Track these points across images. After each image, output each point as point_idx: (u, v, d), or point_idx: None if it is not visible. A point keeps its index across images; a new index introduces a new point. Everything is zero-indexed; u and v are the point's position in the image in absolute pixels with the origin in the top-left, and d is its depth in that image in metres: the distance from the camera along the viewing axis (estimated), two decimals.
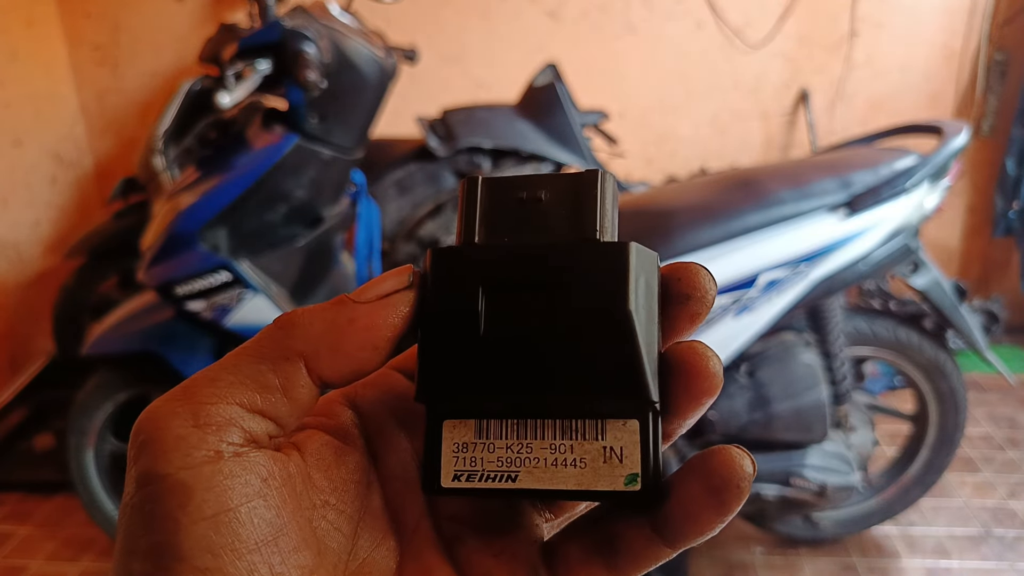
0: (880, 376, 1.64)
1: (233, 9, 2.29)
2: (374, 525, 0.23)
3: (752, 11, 2.28)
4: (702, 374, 0.21)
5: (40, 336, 2.19)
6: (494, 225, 0.24)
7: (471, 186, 0.24)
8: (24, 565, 1.60)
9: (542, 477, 0.22)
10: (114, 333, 1.43)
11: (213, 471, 0.19)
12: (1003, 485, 1.78)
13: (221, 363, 0.21)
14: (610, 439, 0.22)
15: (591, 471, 0.21)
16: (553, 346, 0.21)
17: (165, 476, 0.19)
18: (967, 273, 2.48)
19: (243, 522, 0.19)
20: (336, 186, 1.50)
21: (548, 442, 0.22)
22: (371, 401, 0.25)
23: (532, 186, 0.24)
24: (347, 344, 0.21)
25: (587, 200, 0.23)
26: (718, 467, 0.20)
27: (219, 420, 0.20)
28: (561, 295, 0.22)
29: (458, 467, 0.22)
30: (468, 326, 0.22)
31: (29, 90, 2.21)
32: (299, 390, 0.21)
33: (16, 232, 2.16)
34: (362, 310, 0.22)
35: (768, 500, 1.39)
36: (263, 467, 0.20)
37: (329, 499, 0.22)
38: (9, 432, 2.02)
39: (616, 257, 0.22)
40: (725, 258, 1.25)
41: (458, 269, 0.23)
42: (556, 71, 1.89)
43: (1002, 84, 2.27)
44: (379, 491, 0.24)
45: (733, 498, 0.20)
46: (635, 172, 2.36)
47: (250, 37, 1.37)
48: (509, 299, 0.22)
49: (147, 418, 0.20)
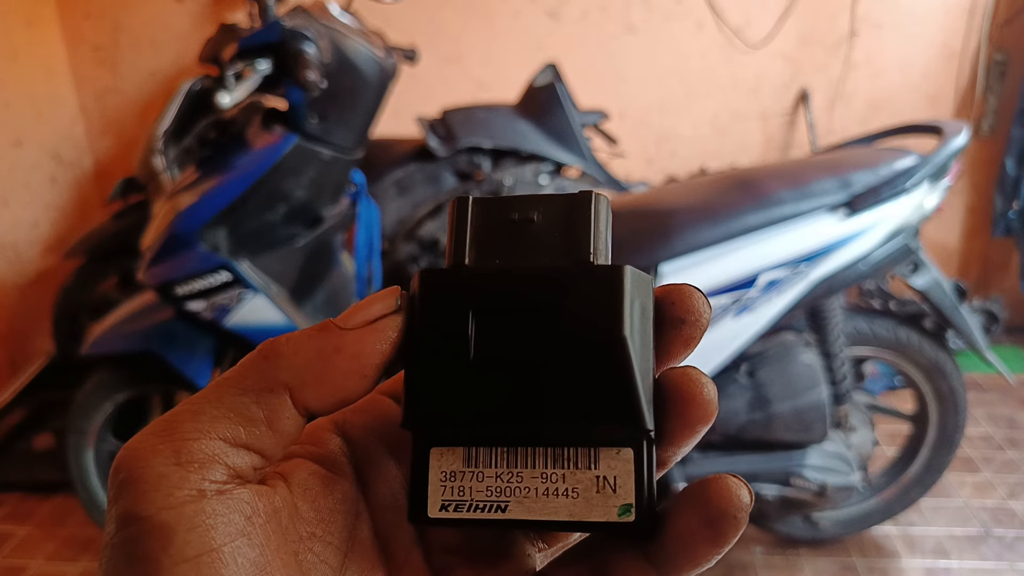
0: (880, 376, 1.64)
1: (233, 9, 2.29)
2: (362, 556, 0.23)
3: (752, 11, 2.28)
4: (696, 401, 0.21)
5: (40, 336, 2.19)
6: (485, 247, 0.23)
7: (461, 206, 0.23)
8: (24, 565, 1.60)
9: (533, 508, 0.21)
10: (114, 333, 1.43)
11: (195, 511, 0.18)
12: (1003, 485, 1.78)
13: (203, 395, 0.20)
14: (603, 468, 0.21)
15: (584, 501, 0.21)
16: (545, 372, 0.21)
17: (147, 517, 0.18)
18: (967, 273, 2.48)
19: (226, 562, 0.18)
20: (336, 186, 1.50)
21: (539, 471, 0.21)
22: (360, 428, 0.24)
23: (524, 207, 0.23)
24: (334, 373, 0.21)
25: (581, 222, 0.23)
26: (714, 497, 0.19)
27: (201, 457, 0.19)
28: (554, 320, 0.21)
29: (445, 496, 0.21)
30: (457, 350, 0.21)
31: (29, 90, 2.21)
32: (284, 422, 0.20)
33: (15, 232, 2.16)
34: (349, 337, 0.21)
35: (768, 500, 1.39)
36: (247, 504, 0.19)
37: (316, 531, 0.21)
38: (9, 432, 2.02)
39: (610, 281, 0.21)
40: (725, 258, 1.25)
41: (448, 291, 0.22)
42: (556, 71, 1.89)
43: (1002, 84, 2.27)
44: (368, 521, 0.23)
45: (730, 529, 0.19)
46: (635, 172, 2.36)
47: (250, 37, 1.36)
48: (500, 323, 0.21)
49: (127, 455, 0.19)
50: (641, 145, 2.40)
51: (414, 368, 0.22)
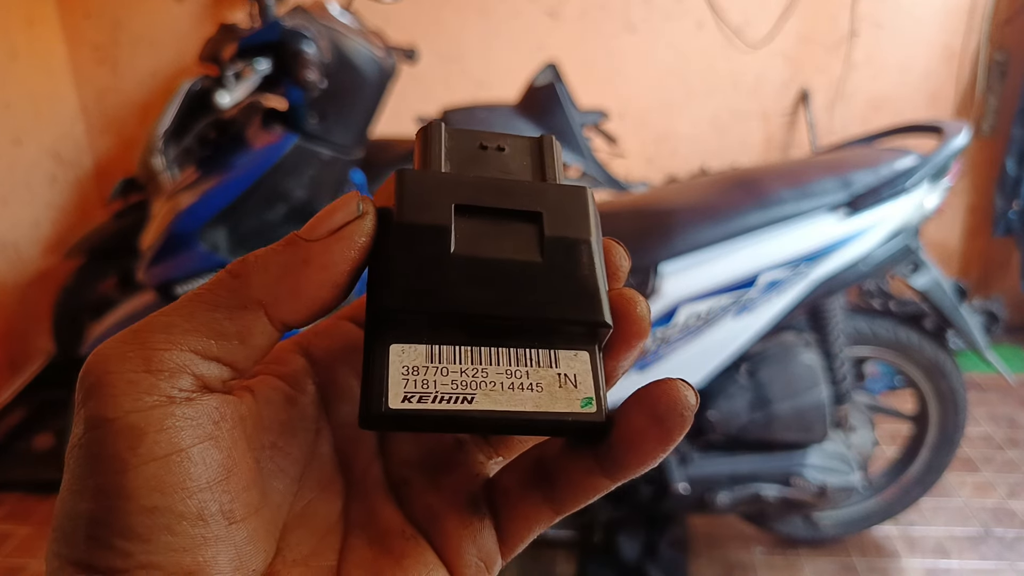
0: (880, 376, 1.64)
1: (233, 9, 2.29)
2: (321, 469, 0.23)
3: (752, 11, 2.28)
4: (630, 317, 0.22)
5: (40, 336, 2.18)
6: (456, 164, 0.24)
7: (434, 128, 0.24)
8: (24, 565, 1.60)
9: (499, 399, 0.21)
10: (114, 333, 1.43)
11: (164, 414, 0.19)
12: (1003, 485, 1.78)
13: (174, 308, 0.20)
14: (564, 367, 0.22)
15: (548, 395, 0.21)
16: (517, 270, 0.22)
17: (115, 419, 0.18)
18: (967, 273, 2.48)
19: (195, 462, 0.19)
20: (336, 186, 1.50)
21: (503, 368, 0.22)
22: (322, 349, 0.25)
23: (493, 139, 0.25)
24: (306, 285, 0.21)
25: (546, 156, 0.25)
26: (663, 396, 0.20)
27: (171, 366, 0.19)
28: (529, 223, 0.23)
29: (408, 389, 0.21)
30: (438, 243, 0.22)
31: (29, 90, 2.21)
32: (257, 337, 0.21)
33: (15, 232, 2.16)
34: (316, 248, 0.21)
35: (768, 500, 1.39)
36: (215, 410, 0.20)
37: (277, 441, 0.22)
38: (9, 432, 2.02)
39: (579, 195, 0.24)
40: (725, 258, 1.25)
41: (430, 188, 0.22)
42: (556, 71, 1.89)
43: (1002, 84, 2.27)
44: (329, 438, 0.24)
45: (676, 426, 0.20)
46: (635, 172, 2.36)
47: (250, 37, 1.36)
48: (476, 223, 0.22)
49: (96, 360, 0.19)
50: (641, 145, 2.40)
51: (390, 260, 0.21)
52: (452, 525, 0.23)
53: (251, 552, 0.20)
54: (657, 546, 1.50)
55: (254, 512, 0.20)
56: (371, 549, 0.22)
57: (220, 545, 0.19)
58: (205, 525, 0.19)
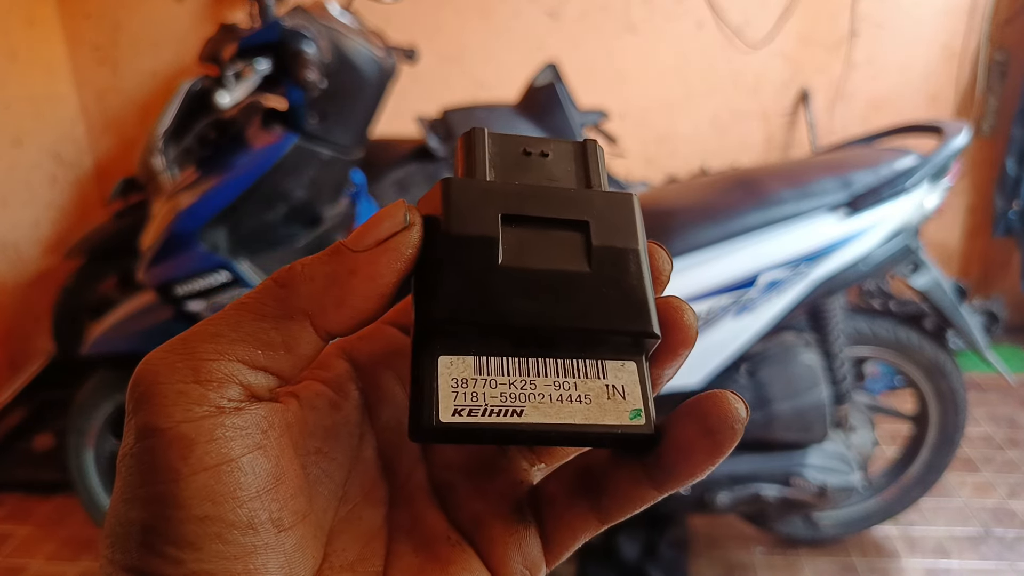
0: (880, 376, 1.64)
1: (233, 9, 2.29)
2: (365, 474, 0.24)
3: (752, 11, 2.28)
4: (678, 326, 0.22)
5: (40, 336, 2.18)
6: (500, 170, 0.24)
7: (477, 135, 0.24)
8: (24, 565, 1.60)
9: (548, 412, 0.21)
10: (114, 333, 1.43)
11: (214, 424, 0.19)
12: (1003, 485, 1.78)
13: (222, 317, 0.20)
14: (612, 378, 0.22)
15: (596, 406, 0.21)
16: (565, 279, 0.22)
17: (166, 429, 0.19)
18: (967, 273, 2.48)
19: (245, 471, 0.19)
20: (336, 186, 1.50)
21: (551, 379, 0.22)
22: (366, 354, 0.25)
23: (536, 144, 0.25)
24: (352, 296, 0.21)
25: (590, 161, 0.25)
26: (713, 409, 0.20)
27: (220, 376, 0.19)
28: (577, 233, 0.23)
29: (458, 402, 0.21)
30: (486, 254, 0.22)
31: (29, 90, 2.21)
32: (303, 346, 0.21)
33: (16, 232, 2.16)
34: (363, 259, 0.21)
35: (768, 500, 1.39)
36: (264, 419, 0.20)
37: (322, 447, 0.22)
38: (9, 432, 2.02)
39: (624, 203, 0.23)
40: (725, 258, 1.25)
41: (476, 198, 0.22)
42: (556, 71, 1.89)
43: (1002, 84, 2.27)
44: (372, 442, 0.24)
45: (727, 439, 0.20)
46: (635, 172, 2.36)
47: (250, 37, 1.36)
48: (523, 232, 0.22)
49: (147, 371, 0.20)
50: (641, 145, 2.40)
51: (439, 271, 0.21)
52: (497, 532, 0.23)
53: (300, 559, 0.20)
54: (657, 546, 1.50)
55: (302, 519, 0.20)
56: (417, 555, 0.23)
57: (270, 553, 0.19)
58: (255, 533, 0.19)
